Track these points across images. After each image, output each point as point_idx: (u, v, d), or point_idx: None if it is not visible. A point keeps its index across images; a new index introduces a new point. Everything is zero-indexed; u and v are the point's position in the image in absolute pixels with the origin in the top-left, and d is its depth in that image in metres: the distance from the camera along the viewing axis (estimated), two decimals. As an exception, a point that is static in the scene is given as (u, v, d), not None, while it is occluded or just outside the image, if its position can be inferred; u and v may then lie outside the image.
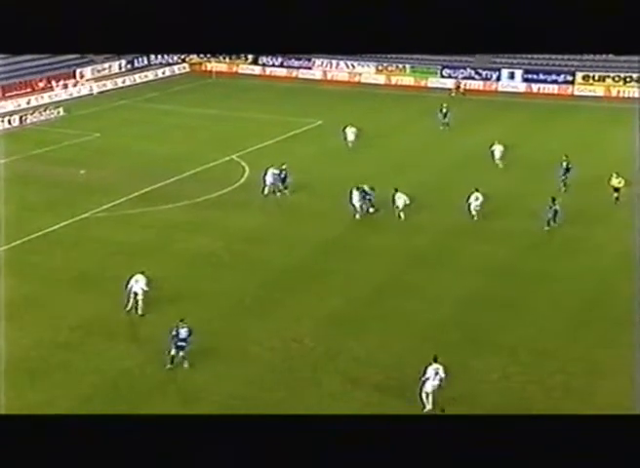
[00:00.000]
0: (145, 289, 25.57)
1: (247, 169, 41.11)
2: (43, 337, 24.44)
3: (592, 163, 40.29)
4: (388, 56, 65.33)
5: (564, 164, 37.16)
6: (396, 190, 33.61)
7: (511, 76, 62.94)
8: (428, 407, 20.63)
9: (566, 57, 60.97)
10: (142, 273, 25.90)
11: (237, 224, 33.81)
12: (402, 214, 33.37)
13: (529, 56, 61.38)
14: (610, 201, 35.13)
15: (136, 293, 25.68)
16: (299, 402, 20.78)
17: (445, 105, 49.84)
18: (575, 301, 26.77)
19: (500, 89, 62.58)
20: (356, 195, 33.56)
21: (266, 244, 31.65)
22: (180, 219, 34.49)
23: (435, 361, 20.92)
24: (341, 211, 35.21)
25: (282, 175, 36.49)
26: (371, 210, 33.98)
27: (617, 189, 35.20)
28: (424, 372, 20.76)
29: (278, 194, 36.39)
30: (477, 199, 33.26)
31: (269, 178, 36.31)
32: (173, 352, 22.69)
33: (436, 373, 20.70)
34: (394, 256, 30.42)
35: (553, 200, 32.26)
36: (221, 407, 20.53)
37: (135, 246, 31.52)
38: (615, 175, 35.27)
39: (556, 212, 32.04)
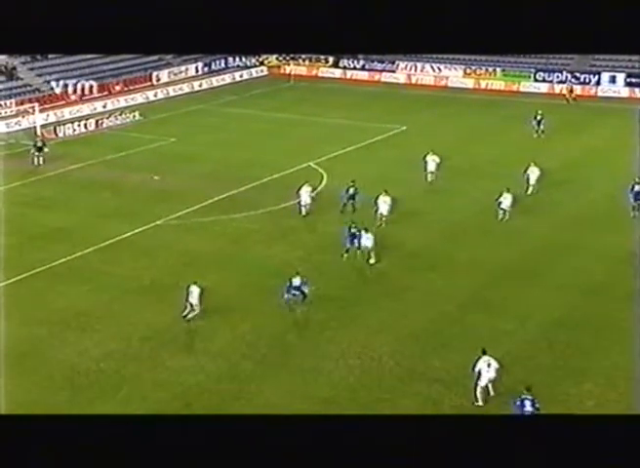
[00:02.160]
0: (196, 301, 25.97)
1: (325, 176, 41.32)
2: (113, 348, 25.04)
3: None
4: (478, 58, 64.69)
5: (636, 187, 34.80)
6: None
7: (612, 80, 61.41)
8: (480, 403, 21.33)
9: (674, 58, 59.07)
10: (195, 283, 26.27)
11: (322, 234, 33.93)
12: None
13: (632, 58, 59.70)
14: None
15: (192, 304, 26.14)
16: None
17: (540, 112, 48.77)
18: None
19: (599, 94, 61.11)
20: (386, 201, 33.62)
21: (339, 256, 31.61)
22: (254, 228, 34.88)
23: (484, 353, 21.70)
24: (426, 221, 35.02)
25: (350, 192, 35.10)
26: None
27: None
28: (474, 366, 21.56)
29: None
30: (506, 199, 34.13)
31: (304, 197, 35.37)
32: (285, 296, 26.64)
33: (489, 365, 21.40)
34: (479, 270, 30.01)
35: None
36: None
37: (208, 255, 32.06)
38: None
39: None
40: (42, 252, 31.83)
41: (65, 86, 58.75)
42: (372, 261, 29.93)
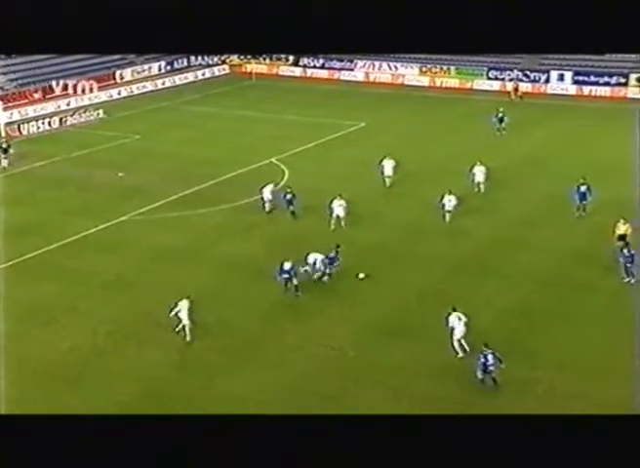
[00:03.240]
0: (186, 317, 24.67)
1: (286, 172, 41.22)
2: (80, 342, 24.77)
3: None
4: (433, 57, 64.99)
5: (581, 188, 33.87)
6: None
7: (561, 78, 62.10)
8: (461, 354, 23.27)
9: (619, 57, 59.96)
10: (187, 298, 25.01)
11: (277, 228, 33.86)
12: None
13: (579, 56, 60.51)
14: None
15: (180, 318, 24.88)
16: (339, 412, 20.64)
17: (501, 110, 48.69)
18: (621, 315, 26.16)
19: (548, 91, 61.77)
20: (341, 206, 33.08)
21: (306, 249, 31.50)
22: (218, 223, 34.68)
23: (454, 310, 23.75)
24: (382, 219, 35.10)
25: (287, 197, 34.52)
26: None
27: (622, 237, 29.75)
28: (447, 322, 23.60)
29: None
30: (450, 201, 33.73)
31: (267, 195, 35.14)
32: (286, 284, 27.01)
33: (459, 319, 23.42)
34: (435, 265, 30.12)
35: (626, 245, 28.62)
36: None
37: (173, 250, 31.79)
38: (622, 220, 30.23)
39: (632, 258, 27.69)
40: (8, 248, 31.26)
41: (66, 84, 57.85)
42: (325, 279, 28.56)
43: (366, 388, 22.10)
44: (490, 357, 21.77)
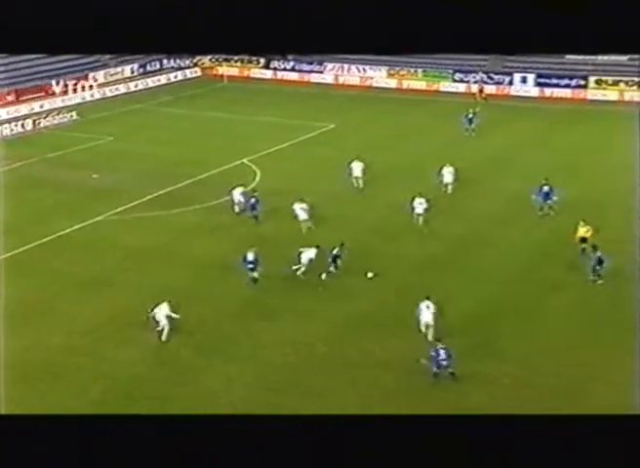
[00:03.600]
0: (171, 315, 24.53)
1: (258, 173, 41.29)
2: (55, 342, 24.62)
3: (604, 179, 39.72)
4: (400, 59, 65.29)
5: (544, 188, 34.09)
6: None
7: (524, 80, 62.79)
8: (430, 338, 23.68)
9: (580, 60, 60.75)
10: (169, 302, 24.78)
11: (248, 228, 33.92)
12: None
13: (542, 59, 61.23)
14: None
15: (157, 321, 24.52)
16: (310, 408, 20.80)
17: (471, 111, 48.91)
18: (587, 311, 26.60)
19: (512, 93, 62.42)
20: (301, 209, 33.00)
21: (276, 247, 31.63)
22: (191, 223, 34.66)
23: (428, 299, 24.42)
24: (355, 217, 35.28)
25: (251, 202, 34.20)
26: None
27: (584, 239, 29.77)
28: (418, 308, 24.24)
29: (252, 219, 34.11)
30: (421, 204, 33.32)
31: (237, 197, 35.13)
32: (249, 274, 27.69)
33: (427, 307, 24.23)
34: (404, 262, 30.33)
35: (594, 248, 28.14)
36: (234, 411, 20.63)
37: (147, 249, 31.73)
38: (582, 222, 30.14)
39: (600, 261, 27.58)
40: (-17, 249, 31.03)
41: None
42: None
43: (340, 385, 22.13)
44: (442, 352, 21.97)
